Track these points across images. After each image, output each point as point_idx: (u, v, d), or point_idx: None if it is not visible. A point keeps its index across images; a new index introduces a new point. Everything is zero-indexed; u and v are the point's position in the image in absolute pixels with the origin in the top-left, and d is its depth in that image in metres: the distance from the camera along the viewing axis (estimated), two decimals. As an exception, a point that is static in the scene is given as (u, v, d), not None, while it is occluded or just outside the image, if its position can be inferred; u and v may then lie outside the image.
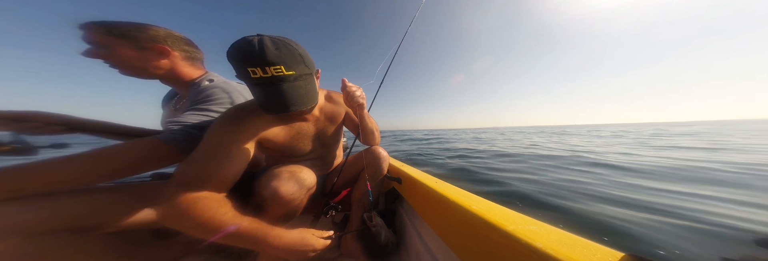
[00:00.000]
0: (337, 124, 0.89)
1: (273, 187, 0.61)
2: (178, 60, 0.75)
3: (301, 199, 0.67)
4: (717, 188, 2.37)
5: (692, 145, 7.13)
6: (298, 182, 0.65)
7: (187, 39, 0.78)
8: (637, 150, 5.79)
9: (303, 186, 0.66)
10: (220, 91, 0.75)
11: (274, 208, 0.63)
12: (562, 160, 4.09)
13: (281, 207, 0.63)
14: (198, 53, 0.82)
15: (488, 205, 0.52)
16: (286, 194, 0.62)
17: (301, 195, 0.66)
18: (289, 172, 0.66)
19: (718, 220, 1.56)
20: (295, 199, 0.64)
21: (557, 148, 6.67)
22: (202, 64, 0.85)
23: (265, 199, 0.62)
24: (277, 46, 0.49)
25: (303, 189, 0.66)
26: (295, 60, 0.52)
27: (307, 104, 0.57)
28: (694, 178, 2.75)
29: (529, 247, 0.35)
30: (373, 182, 0.89)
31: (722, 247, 1.22)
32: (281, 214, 0.65)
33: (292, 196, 0.63)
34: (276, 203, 0.62)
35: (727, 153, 5.52)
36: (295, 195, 0.64)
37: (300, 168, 0.70)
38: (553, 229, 0.39)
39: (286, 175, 0.65)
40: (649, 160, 4.06)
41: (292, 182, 0.63)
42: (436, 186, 0.70)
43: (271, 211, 0.63)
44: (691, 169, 3.26)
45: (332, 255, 0.90)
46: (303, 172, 0.68)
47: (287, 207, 0.64)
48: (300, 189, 0.65)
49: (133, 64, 0.68)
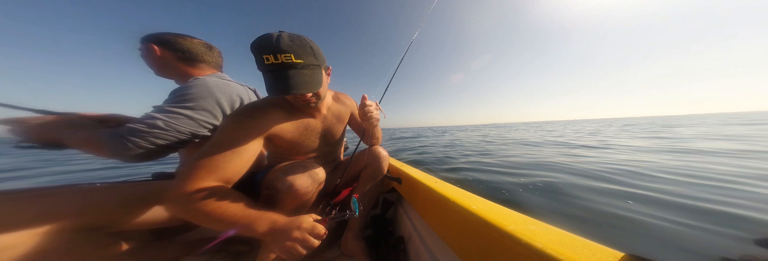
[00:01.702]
0: (343, 123, 0.94)
1: (289, 180, 0.63)
2: (172, 60, 0.77)
3: (313, 193, 0.68)
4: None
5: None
6: (312, 176, 0.66)
7: (203, 43, 0.82)
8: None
9: (315, 180, 0.67)
10: (188, 87, 0.68)
11: (289, 201, 0.64)
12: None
13: (296, 200, 0.65)
14: (208, 56, 0.83)
15: (488, 205, 0.52)
16: (301, 187, 0.63)
17: (314, 188, 0.67)
18: (303, 166, 0.68)
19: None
20: (309, 192, 0.66)
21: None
22: (217, 67, 0.87)
23: (279, 192, 0.63)
24: (291, 39, 0.55)
25: (316, 183, 0.67)
26: (305, 51, 0.57)
27: (310, 89, 0.60)
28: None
29: (529, 247, 0.35)
30: (373, 182, 0.90)
31: (722, 247, 1.22)
32: (294, 207, 0.66)
33: (306, 190, 0.64)
34: (291, 196, 0.63)
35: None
36: (309, 188, 0.65)
37: (311, 162, 0.72)
38: (553, 229, 0.39)
39: (300, 169, 0.66)
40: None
41: (306, 176, 0.65)
42: (436, 186, 0.70)
43: (285, 205, 0.64)
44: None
45: (332, 254, 0.90)
46: (314, 166, 0.70)
47: (301, 200, 0.66)
48: (313, 182, 0.66)
49: (154, 65, 0.77)
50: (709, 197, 1.76)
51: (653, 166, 2.79)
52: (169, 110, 0.63)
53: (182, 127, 0.64)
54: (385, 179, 0.94)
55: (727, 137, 7.12)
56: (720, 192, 1.88)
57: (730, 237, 1.25)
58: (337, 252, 0.91)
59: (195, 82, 0.70)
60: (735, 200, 1.70)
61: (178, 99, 0.66)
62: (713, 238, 1.23)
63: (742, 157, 3.55)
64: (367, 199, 0.89)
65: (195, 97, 0.67)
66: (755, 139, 6.54)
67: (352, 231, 0.87)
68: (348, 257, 0.87)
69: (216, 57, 0.86)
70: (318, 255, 0.90)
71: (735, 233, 1.28)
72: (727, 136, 7.36)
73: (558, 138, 8.10)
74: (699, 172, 2.51)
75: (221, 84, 0.75)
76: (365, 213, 0.90)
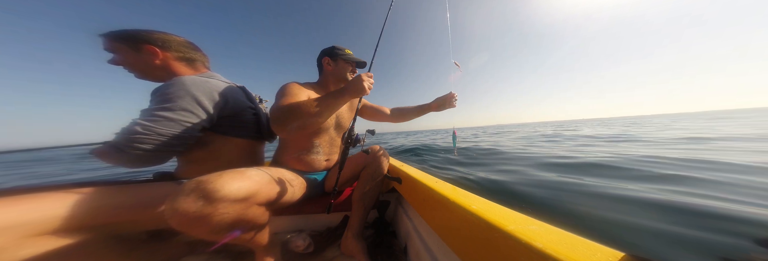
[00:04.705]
0: (354, 108, 1.04)
1: (167, 202, 0.50)
2: (171, 60, 0.76)
3: (222, 213, 0.52)
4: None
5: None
6: (205, 195, 0.50)
7: (186, 41, 0.80)
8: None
9: (214, 199, 0.50)
10: (165, 87, 0.67)
11: (179, 227, 0.50)
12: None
13: (184, 227, 0.50)
14: (195, 54, 0.82)
15: (488, 204, 0.52)
16: (186, 212, 0.48)
17: (216, 210, 0.51)
18: (198, 181, 0.52)
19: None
20: (205, 216, 0.50)
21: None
22: (205, 66, 0.86)
23: (166, 216, 0.50)
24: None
25: (215, 202, 0.51)
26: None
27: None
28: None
29: (529, 247, 0.35)
30: (373, 181, 0.90)
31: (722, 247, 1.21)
32: (196, 233, 0.52)
33: (194, 215, 0.49)
34: (174, 223, 0.49)
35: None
36: (202, 212, 0.49)
37: (225, 174, 0.56)
38: (553, 229, 0.39)
39: (191, 186, 0.51)
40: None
41: (193, 196, 0.49)
42: (436, 186, 0.70)
43: (183, 231, 0.51)
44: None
45: (332, 254, 0.90)
46: (222, 179, 0.53)
47: (196, 228, 0.51)
48: (208, 203, 0.50)
49: (137, 67, 0.74)
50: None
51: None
52: (149, 113, 0.63)
53: (162, 129, 0.62)
54: (384, 179, 0.95)
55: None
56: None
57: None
58: (338, 252, 0.91)
59: (172, 82, 0.68)
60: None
61: (157, 99, 0.66)
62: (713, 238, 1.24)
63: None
64: (367, 199, 0.89)
65: (172, 96, 0.65)
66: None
67: (352, 230, 0.87)
68: (348, 257, 0.87)
69: (203, 54, 0.86)
70: (318, 255, 0.90)
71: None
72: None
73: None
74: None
75: (199, 81, 0.71)
76: (365, 213, 0.90)
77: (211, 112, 0.71)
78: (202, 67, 0.85)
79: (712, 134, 6.02)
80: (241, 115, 0.82)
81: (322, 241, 0.94)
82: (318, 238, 0.96)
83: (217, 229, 0.53)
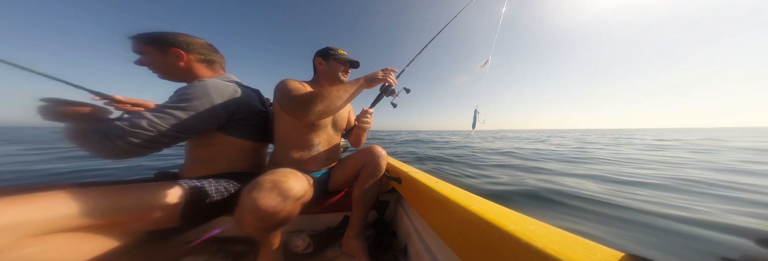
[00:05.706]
0: (348, 112, 1.12)
1: (252, 198, 0.57)
2: (194, 62, 0.79)
3: (289, 210, 0.61)
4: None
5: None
6: (282, 193, 0.59)
7: (206, 43, 0.83)
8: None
9: (288, 197, 0.60)
10: (188, 87, 0.69)
11: (256, 221, 0.58)
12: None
13: (262, 221, 0.58)
14: (215, 56, 0.85)
15: (488, 205, 0.52)
16: (267, 207, 0.56)
17: (287, 206, 0.60)
18: (272, 180, 0.60)
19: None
20: (279, 211, 0.59)
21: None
22: (222, 67, 0.89)
23: (244, 210, 0.57)
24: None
25: (288, 200, 0.60)
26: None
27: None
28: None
29: (529, 247, 0.35)
30: (373, 180, 0.90)
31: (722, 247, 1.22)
32: (261, 227, 0.60)
33: (274, 209, 0.57)
34: (255, 217, 0.57)
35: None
36: (279, 207, 0.58)
37: (287, 175, 0.64)
38: (553, 229, 0.40)
39: (268, 184, 0.59)
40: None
41: (274, 193, 0.58)
42: (436, 186, 0.70)
43: (247, 224, 0.59)
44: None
45: (333, 254, 0.90)
46: (290, 180, 0.63)
47: (269, 221, 0.58)
48: (284, 200, 0.59)
49: (162, 69, 0.77)
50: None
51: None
52: (161, 110, 0.63)
53: (164, 128, 0.62)
54: (384, 179, 0.94)
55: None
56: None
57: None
58: (338, 251, 0.91)
59: (196, 84, 0.69)
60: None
61: (175, 98, 0.66)
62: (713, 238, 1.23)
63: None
64: (367, 198, 0.89)
65: (190, 97, 0.66)
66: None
67: (353, 230, 0.87)
68: (349, 256, 0.87)
69: (220, 56, 0.88)
70: (318, 254, 0.90)
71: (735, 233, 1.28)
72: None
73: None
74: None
75: (221, 86, 0.74)
76: (366, 212, 0.90)
77: (221, 117, 0.73)
78: (220, 68, 0.88)
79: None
80: (251, 118, 0.83)
81: (322, 241, 0.94)
82: (318, 238, 0.96)
83: (276, 225, 0.61)
